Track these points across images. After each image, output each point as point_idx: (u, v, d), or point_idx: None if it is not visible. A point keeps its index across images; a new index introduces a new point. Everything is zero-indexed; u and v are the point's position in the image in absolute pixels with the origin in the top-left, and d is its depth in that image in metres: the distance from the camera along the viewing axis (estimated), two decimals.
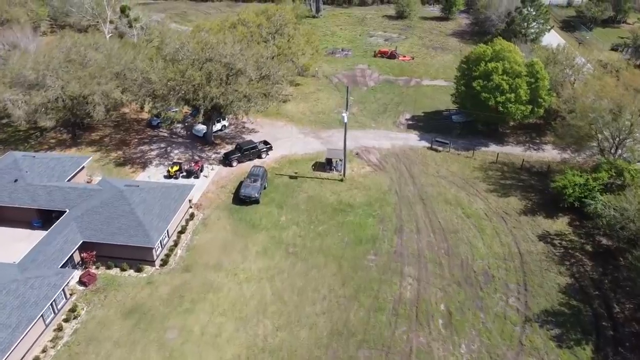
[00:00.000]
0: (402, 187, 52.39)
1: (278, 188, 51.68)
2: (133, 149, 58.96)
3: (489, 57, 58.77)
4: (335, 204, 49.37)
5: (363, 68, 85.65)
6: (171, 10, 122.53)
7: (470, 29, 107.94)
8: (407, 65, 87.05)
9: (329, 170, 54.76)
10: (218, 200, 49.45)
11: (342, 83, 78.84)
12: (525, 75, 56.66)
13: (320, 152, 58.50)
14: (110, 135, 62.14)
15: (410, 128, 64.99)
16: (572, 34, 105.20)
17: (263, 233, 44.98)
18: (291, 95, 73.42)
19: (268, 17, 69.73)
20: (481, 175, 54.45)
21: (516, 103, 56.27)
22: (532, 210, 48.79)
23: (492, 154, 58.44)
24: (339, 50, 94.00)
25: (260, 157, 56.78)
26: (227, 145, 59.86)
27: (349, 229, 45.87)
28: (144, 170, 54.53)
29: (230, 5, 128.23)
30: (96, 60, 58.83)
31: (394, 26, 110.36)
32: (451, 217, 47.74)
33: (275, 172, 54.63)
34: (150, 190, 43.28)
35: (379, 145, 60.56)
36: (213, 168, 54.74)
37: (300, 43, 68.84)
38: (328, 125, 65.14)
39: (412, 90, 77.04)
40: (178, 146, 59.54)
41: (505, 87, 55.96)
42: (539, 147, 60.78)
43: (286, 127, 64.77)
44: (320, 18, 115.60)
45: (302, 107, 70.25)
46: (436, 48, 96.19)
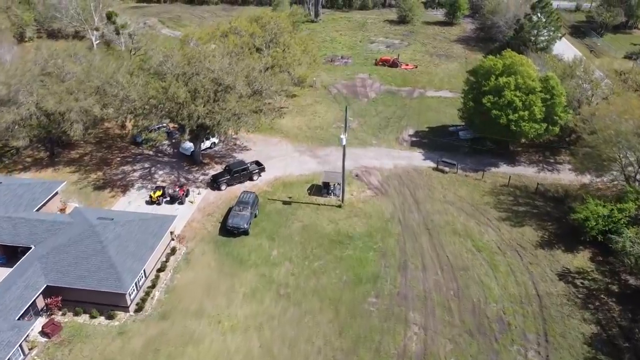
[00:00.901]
0: (406, 214, 47.88)
1: (270, 216, 47.18)
2: (114, 169, 54.47)
3: (500, 71, 54.20)
4: (333, 234, 44.87)
5: (363, 77, 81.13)
6: (165, 14, 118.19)
7: (475, 35, 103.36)
8: (410, 74, 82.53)
9: (326, 195, 50.27)
10: (203, 230, 44.94)
11: (341, 94, 74.37)
12: (539, 91, 52.10)
13: (317, 173, 53.99)
14: (91, 153, 57.65)
15: (414, 145, 60.45)
16: (582, 40, 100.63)
17: (252, 271, 40.46)
18: (287, 108, 68.96)
19: (262, 26, 65.22)
20: (492, 201, 49.92)
21: (530, 121, 51.72)
22: (549, 243, 44.25)
23: (504, 176, 53.89)
24: (339, 57, 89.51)
25: (251, 179, 52.30)
26: (216, 165, 55.38)
27: (348, 265, 41.37)
28: (124, 194, 50.05)
29: (227, 9, 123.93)
30: (75, 73, 54.48)
31: (396, 31, 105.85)
32: (460, 250, 43.22)
33: (268, 196, 50.13)
34: (125, 224, 38.78)
35: (380, 165, 56.02)
36: (200, 192, 50.23)
37: (297, 53, 64.29)
38: (326, 142, 60.62)
39: (416, 102, 72.51)
40: (163, 166, 55.03)
41: (518, 105, 51.42)
42: (554, 167, 56.21)
43: (281, 144, 60.24)
44: (319, 23, 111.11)
45: (299, 122, 65.73)
46: (440, 55, 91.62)
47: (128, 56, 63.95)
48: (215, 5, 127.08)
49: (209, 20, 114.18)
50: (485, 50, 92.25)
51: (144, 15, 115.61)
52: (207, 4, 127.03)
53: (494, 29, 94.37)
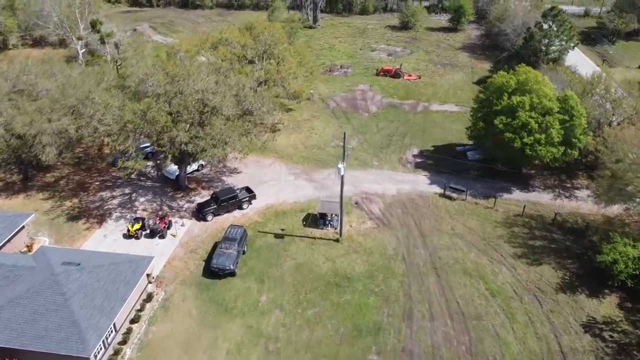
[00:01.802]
0: (411, 250, 43.26)
1: (260, 252, 42.57)
2: (92, 195, 49.87)
3: (513, 89, 49.58)
4: (330, 275, 40.24)
5: (364, 89, 76.51)
6: (157, 19, 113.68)
7: (481, 42, 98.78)
8: (413, 85, 77.92)
9: (323, 227, 45.65)
10: (185, 271, 40.31)
11: (340, 108, 69.74)
12: (557, 111, 47.48)
13: (313, 200, 49.38)
14: (68, 176, 53.05)
15: (419, 167, 55.79)
16: (593, 48, 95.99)
17: (237, 321, 35.83)
18: (282, 124, 64.40)
19: (255, 36, 60.55)
20: (505, 234, 45.28)
21: (547, 145, 47.10)
22: (571, 286, 39.61)
23: (517, 204, 49.25)
24: (338, 67, 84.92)
25: (241, 208, 47.67)
26: (203, 190, 50.76)
27: (346, 313, 36.75)
28: (100, 226, 45.44)
29: (222, 14, 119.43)
30: (49, 90, 49.91)
31: (398, 38, 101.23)
32: (472, 295, 38.58)
33: (258, 228, 45.51)
34: (93, 271, 34.16)
35: (382, 190, 51.39)
36: (183, 224, 45.59)
37: (292, 66, 59.65)
38: (323, 164, 55.98)
39: (420, 117, 67.86)
40: (145, 192, 50.43)
41: (534, 127, 46.80)
42: (571, 193, 51.57)
43: (274, 165, 55.60)
44: (317, 29, 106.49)
45: (294, 139, 61.09)
46: (445, 65, 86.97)
47: (109, 70, 59.11)
48: (210, 10, 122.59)
49: (203, 25, 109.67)
50: (492, 59, 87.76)
51: (136, 20, 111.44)
52: (201, 8, 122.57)
53: (501, 37, 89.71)
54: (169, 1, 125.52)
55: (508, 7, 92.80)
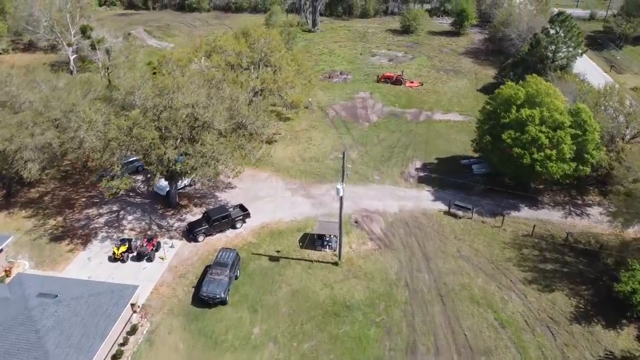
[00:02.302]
0: (414, 274, 40.65)
1: (253, 277, 39.96)
2: (77, 213, 47.28)
3: (522, 101, 46.99)
4: (328, 303, 37.63)
5: (364, 97, 73.91)
6: (153, 23, 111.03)
7: (485, 47, 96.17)
8: (415, 93, 75.32)
9: (321, 248, 43.06)
10: (173, 298, 37.70)
11: (339, 117, 67.14)
12: (569, 126, 44.88)
13: (310, 218, 46.78)
14: (54, 192, 50.46)
15: (422, 182, 53.16)
16: (600, 53, 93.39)
17: (228, 357, 33.22)
18: (279, 134, 61.80)
19: (250, 44, 57.94)
20: (514, 256, 42.65)
21: (558, 161, 44.48)
22: (586, 316, 36.99)
23: (526, 223, 46.63)
24: (337, 73, 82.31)
25: (234, 227, 45.07)
26: (195, 207, 48.16)
27: (345, 347, 34.14)
28: (85, 247, 42.84)
29: (219, 17, 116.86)
30: (32, 102, 47.35)
31: (399, 43, 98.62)
32: (480, 326, 35.97)
33: (252, 250, 42.91)
34: (71, 303, 31.59)
35: (383, 208, 48.78)
36: (172, 245, 42.99)
37: (289, 75, 57.02)
38: (321, 178, 53.39)
39: (422, 127, 65.24)
40: (134, 209, 47.83)
41: (544, 142, 44.19)
42: (582, 210, 48.95)
43: (270, 180, 52.99)
44: (317, 33, 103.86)
45: (291, 151, 58.48)
46: (448, 71, 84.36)
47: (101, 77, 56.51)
48: (207, 13, 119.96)
49: (200, 29, 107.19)
50: (497, 65, 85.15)
51: (131, 24, 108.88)
52: (198, 11, 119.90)
53: (505, 42, 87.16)
54: (165, 4, 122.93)
55: (512, 11, 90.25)
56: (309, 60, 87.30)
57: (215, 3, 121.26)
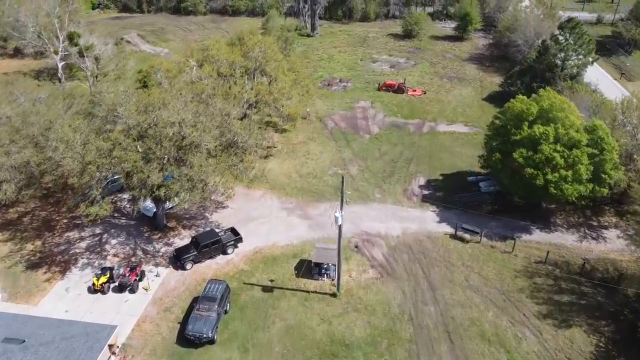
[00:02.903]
0: (419, 307, 37.51)
1: (245, 311, 36.82)
2: (57, 236, 44.20)
3: (535, 116, 43.84)
4: (325, 341, 34.48)
5: (365, 106, 70.72)
6: (147, 27, 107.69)
7: (489, 53, 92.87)
8: (418, 102, 72.13)
9: (318, 277, 39.93)
10: (157, 336, 34.54)
11: (339, 129, 63.97)
12: (585, 144, 41.72)
13: (307, 242, 43.69)
14: (34, 212, 47.39)
15: (426, 201, 49.97)
16: (609, 59, 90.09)
17: None
18: (275, 148, 58.66)
19: (245, 53, 54.75)
20: (527, 286, 39.49)
21: (574, 183, 41.32)
22: (607, 356, 33.83)
23: (538, 247, 43.50)
24: (337, 81, 79.10)
25: (225, 253, 41.94)
26: (183, 230, 45.04)
27: None
28: (63, 275, 39.74)
29: (215, 21, 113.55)
30: (9, 118, 44.25)
31: (401, 48, 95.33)
32: None
33: (244, 279, 39.77)
34: (40, 350, 28.47)
35: (385, 230, 45.63)
36: (158, 274, 39.83)
37: (286, 86, 53.86)
38: (319, 196, 50.25)
39: (426, 139, 62.04)
40: (118, 232, 44.69)
41: (559, 162, 41.03)
42: (598, 233, 45.79)
43: (265, 198, 49.83)
44: (316, 37, 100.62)
45: (288, 166, 55.33)
46: (451, 78, 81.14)
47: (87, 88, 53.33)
48: (203, 16, 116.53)
49: (195, 33, 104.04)
50: (502, 72, 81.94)
51: (124, 28, 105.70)
52: (194, 14, 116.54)
53: (511, 48, 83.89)
54: (161, 7, 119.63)
55: (518, 16, 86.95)
56: (308, 67, 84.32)
57: (211, 6, 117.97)
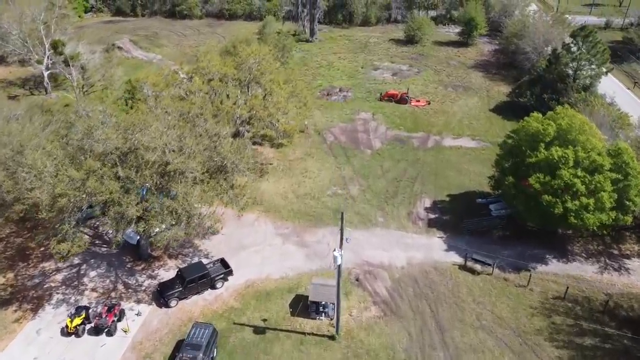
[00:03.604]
0: (427, 352, 33.91)
1: (234, 356, 33.28)
2: (32, 267, 40.62)
3: (552, 137, 40.22)
4: None
5: (366, 118, 67.10)
6: (141, 31, 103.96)
7: (495, 59, 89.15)
8: (422, 113, 68.51)
9: (315, 316, 36.34)
10: None
11: (338, 143, 60.37)
12: (608, 169, 38.11)
13: (304, 274, 40.13)
14: (8, 238, 43.81)
15: (433, 226, 46.38)
16: (620, 66, 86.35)
17: None
18: (270, 164, 55.11)
19: (238, 65, 51.12)
20: (545, 327, 35.88)
21: (595, 211, 37.71)
22: None
23: (556, 280, 39.92)
24: (336, 90, 75.45)
25: (214, 288, 38.37)
26: (169, 260, 41.46)
27: None
28: (35, 314, 36.17)
29: (212, 25, 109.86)
30: None
31: (403, 54, 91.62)
32: None
33: (234, 318, 36.19)
34: None
35: (389, 260, 42.04)
36: (139, 313, 36.25)
37: (281, 100, 50.25)
38: (317, 220, 46.67)
39: (431, 155, 58.40)
40: (98, 262, 41.11)
41: (580, 189, 37.44)
42: (620, 263, 42.17)
43: (259, 223, 46.23)
44: (315, 42, 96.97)
45: (284, 186, 51.73)
46: (456, 87, 77.49)
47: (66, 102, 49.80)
48: (199, 20, 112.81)
49: (190, 38, 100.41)
50: (509, 80, 78.48)
51: (117, 32, 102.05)
52: (189, 18, 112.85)
53: (519, 55, 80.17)
54: (155, 10, 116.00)
55: (526, 21, 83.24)
56: (306, 75, 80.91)
57: (207, 10, 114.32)
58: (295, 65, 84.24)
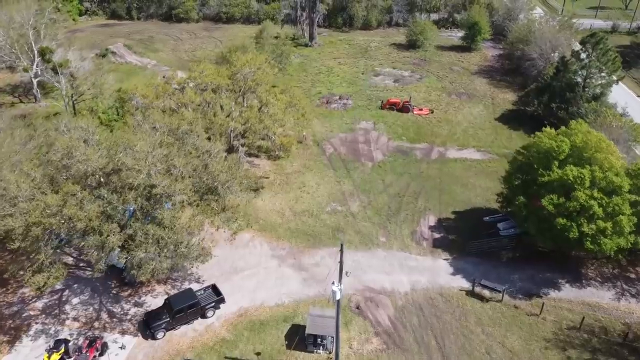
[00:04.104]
0: None
1: None
2: (11, 293, 38.08)
3: (566, 155, 37.68)
4: None
5: (367, 127, 64.56)
6: (136, 35, 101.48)
7: (500, 65, 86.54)
8: (425, 122, 65.95)
9: (313, 349, 33.81)
10: None
11: (338, 155, 57.84)
12: (627, 190, 35.56)
13: (301, 301, 37.65)
14: None
15: (438, 246, 43.84)
16: (628, 72, 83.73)
17: None
18: (267, 178, 52.61)
19: (232, 75, 48.60)
20: None
21: (614, 235, 35.17)
22: None
23: (570, 307, 37.37)
24: (336, 98, 72.87)
25: (204, 317, 35.84)
26: (157, 286, 38.90)
27: None
28: (11, 347, 33.68)
29: (208, 29, 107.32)
30: None
31: (405, 59, 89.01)
32: None
33: (226, 351, 33.68)
34: None
35: (391, 285, 39.50)
36: (123, 346, 33.71)
37: (278, 112, 47.70)
38: (316, 240, 44.15)
39: (435, 168, 55.85)
40: (81, 287, 38.59)
41: (598, 212, 34.89)
42: (638, 288, 39.60)
43: (253, 244, 43.72)
44: (314, 47, 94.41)
45: (280, 202, 49.22)
46: (460, 94, 74.94)
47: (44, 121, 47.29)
48: (195, 24, 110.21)
49: (186, 43, 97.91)
50: (515, 87, 76.00)
51: (112, 37, 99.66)
52: (186, 21, 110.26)
53: (524, 61, 77.58)
54: (151, 13, 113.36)
55: (532, 26, 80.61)
56: (305, 82, 78.44)
57: (204, 13, 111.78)
58: (294, 72, 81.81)
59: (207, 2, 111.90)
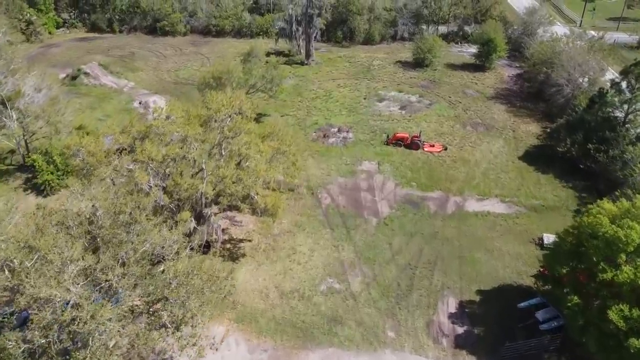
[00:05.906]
0: None
1: None
2: None
3: (636, 246, 28.41)
4: None
5: (370, 169, 55.33)
6: (116, 50, 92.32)
7: (518, 88, 77.15)
8: (437, 162, 56.67)
9: None
10: None
11: (336, 208, 48.66)
12: None
13: None
14: None
15: (461, 345, 34.54)
16: None
17: None
18: (249, 241, 43.48)
19: (204, 122, 39.36)
20: None
21: None
22: None
23: None
24: (335, 130, 63.59)
25: None
26: None
27: None
28: None
29: (196, 43, 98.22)
30: None
31: (412, 81, 79.68)
32: None
33: None
34: None
35: None
36: None
37: (260, 167, 38.37)
38: (306, 337, 34.89)
39: (452, 226, 46.57)
40: None
41: None
42: None
43: (227, 342, 34.42)
44: (311, 66, 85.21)
45: (264, 277, 40.00)
46: (476, 125, 65.61)
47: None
48: (182, 37, 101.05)
49: (170, 60, 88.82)
50: (537, 116, 67.00)
51: (89, 52, 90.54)
52: (172, 35, 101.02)
53: (548, 87, 68.17)
54: (135, 26, 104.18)
55: (557, 46, 71.18)
56: (300, 109, 69.45)
57: (192, 25, 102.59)
58: (287, 96, 72.70)
59: (196, 14, 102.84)
